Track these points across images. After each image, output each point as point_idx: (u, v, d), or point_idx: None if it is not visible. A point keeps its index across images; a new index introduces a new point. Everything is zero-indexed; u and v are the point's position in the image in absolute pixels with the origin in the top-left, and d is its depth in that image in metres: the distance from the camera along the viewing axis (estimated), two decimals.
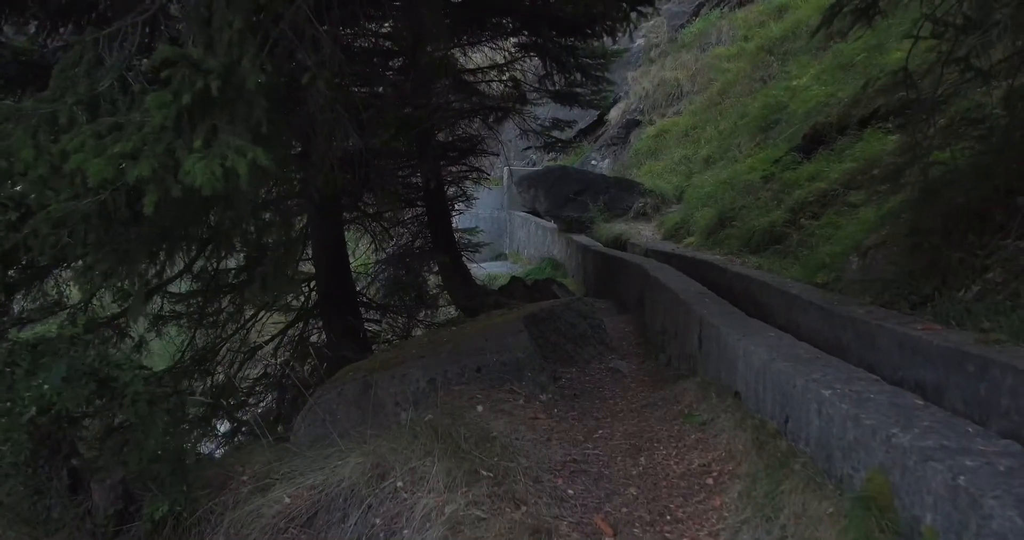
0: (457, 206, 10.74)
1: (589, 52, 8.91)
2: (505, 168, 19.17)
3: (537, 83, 9.35)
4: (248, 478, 3.58)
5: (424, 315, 8.78)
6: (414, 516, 2.87)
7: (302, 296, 7.73)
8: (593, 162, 17.89)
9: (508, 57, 9.04)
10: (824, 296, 5.04)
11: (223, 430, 6.79)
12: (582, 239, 12.59)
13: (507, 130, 10.61)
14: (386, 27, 7.03)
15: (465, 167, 10.13)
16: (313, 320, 7.82)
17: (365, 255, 9.79)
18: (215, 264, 7.06)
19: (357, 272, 9.11)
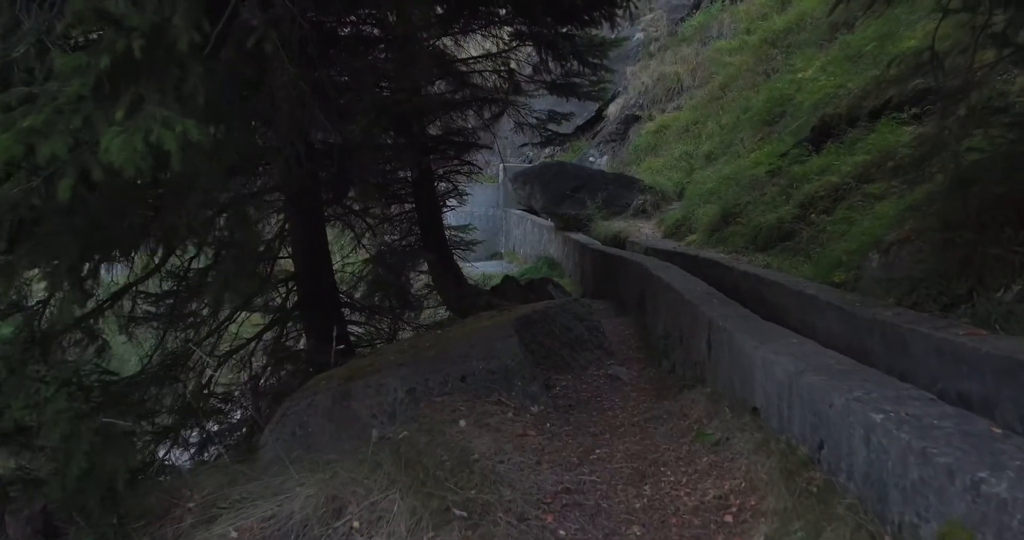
0: (449, 202, 10.30)
1: (587, 40, 8.49)
2: (501, 165, 18.74)
3: (532, 72, 8.90)
4: (195, 505, 3.12)
5: (410, 317, 8.30)
6: None
7: (279, 297, 7.25)
8: (591, 159, 17.49)
9: (503, 45, 8.59)
10: (843, 297, 4.62)
11: (194, 440, 6.34)
12: (580, 237, 12.15)
13: (502, 126, 10.19)
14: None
15: (457, 161, 9.66)
16: (293, 323, 7.36)
17: (353, 254, 9.31)
18: (187, 262, 6.60)
19: (346, 272, 8.65)
